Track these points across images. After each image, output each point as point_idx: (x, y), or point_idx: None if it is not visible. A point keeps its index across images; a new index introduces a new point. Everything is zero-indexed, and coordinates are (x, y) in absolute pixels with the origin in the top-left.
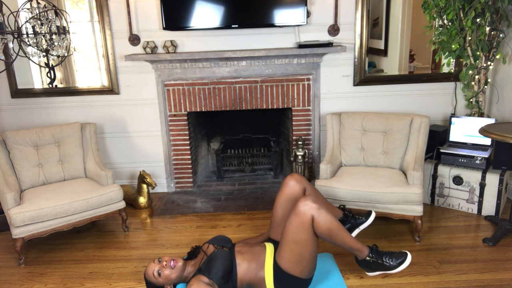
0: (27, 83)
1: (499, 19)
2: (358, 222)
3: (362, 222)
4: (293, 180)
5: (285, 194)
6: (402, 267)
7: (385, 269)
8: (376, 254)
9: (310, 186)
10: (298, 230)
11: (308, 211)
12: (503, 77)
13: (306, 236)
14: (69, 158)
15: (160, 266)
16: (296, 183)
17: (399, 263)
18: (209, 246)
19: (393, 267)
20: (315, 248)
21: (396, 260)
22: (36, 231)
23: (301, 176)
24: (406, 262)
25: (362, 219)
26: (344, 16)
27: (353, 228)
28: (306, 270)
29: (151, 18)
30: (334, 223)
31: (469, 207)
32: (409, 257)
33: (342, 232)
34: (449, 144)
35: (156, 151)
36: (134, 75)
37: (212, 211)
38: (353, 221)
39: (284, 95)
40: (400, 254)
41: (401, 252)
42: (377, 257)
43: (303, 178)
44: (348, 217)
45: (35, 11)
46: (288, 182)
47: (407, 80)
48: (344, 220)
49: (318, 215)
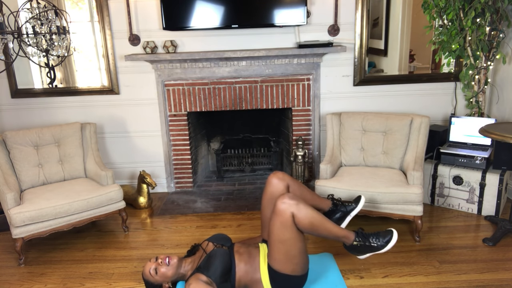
0: (27, 83)
1: (499, 19)
2: (348, 210)
3: (353, 209)
4: (275, 178)
5: (269, 192)
6: (390, 245)
7: (374, 249)
8: (362, 237)
9: (294, 181)
10: (281, 229)
11: (287, 209)
12: (503, 77)
13: (290, 234)
14: (69, 158)
15: (156, 264)
16: (279, 181)
17: (387, 242)
18: (209, 244)
19: (381, 247)
20: (302, 244)
21: (383, 239)
22: (36, 231)
23: (283, 173)
24: (393, 239)
25: (352, 205)
26: (344, 16)
27: (344, 217)
28: (298, 267)
29: (151, 18)
30: (315, 216)
31: (469, 207)
32: (395, 234)
33: (325, 223)
34: (449, 144)
35: (156, 151)
36: (134, 75)
37: (212, 211)
38: (343, 209)
39: (284, 95)
40: (386, 233)
41: (387, 231)
42: (364, 240)
43: (286, 175)
44: (337, 206)
45: (35, 11)
46: (271, 180)
47: (407, 80)
48: (334, 210)
49: (297, 211)
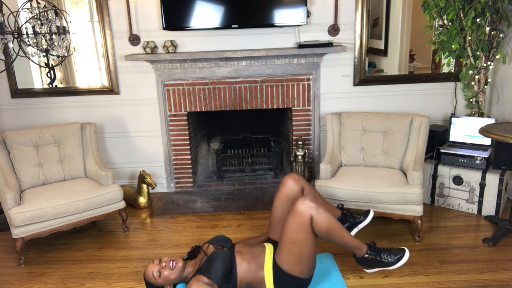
0: (27, 83)
1: (499, 19)
2: (356, 221)
3: (361, 221)
4: (291, 180)
5: (284, 194)
6: (400, 263)
7: (384, 265)
8: (375, 251)
9: (308, 185)
10: (297, 230)
11: (306, 210)
12: (503, 77)
13: (305, 236)
14: (69, 158)
15: (159, 266)
16: (294, 183)
17: (397, 259)
18: (209, 246)
19: (391, 264)
20: (314, 247)
21: (394, 257)
22: (36, 231)
23: (299, 176)
24: (404, 258)
25: (360, 218)
26: (344, 16)
27: (351, 227)
28: (306, 269)
29: (151, 18)
30: (332, 222)
31: (469, 207)
32: (407, 253)
33: (341, 231)
34: (449, 144)
35: (156, 151)
36: (134, 75)
37: (212, 211)
38: (351, 220)
39: (284, 95)
40: (398, 251)
41: (399, 249)
42: (375, 254)
43: (301, 178)
44: (346, 216)
45: (35, 11)
46: (286, 182)
47: (407, 80)
48: (342, 220)
49: (317, 214)
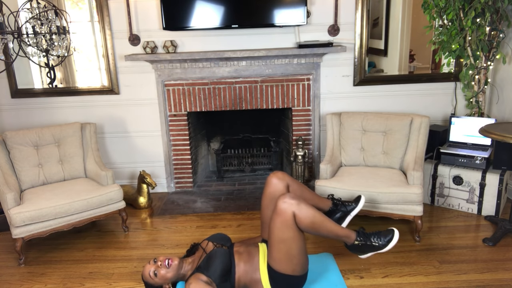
0: (27, 83)
1: (499, 19)
2: (348, 209)
3: (353, 208)
4: (275, 178)
5: (269, 193)
6: (391, 244)
7: (376, 249)
8: (364, 236)
9: (294, 181)
10: (282, 229)
11: (288, 208)
12: (503, 77)
13: (291, 233)
14: (69, 158)
15: (155, 266)
16: (278, 181)
17: (388, 241)
18: (208, 244)
19: (382, 246)
20: (302, 244)
21: (385, 239)
22: (36, 231)
23: (283, 173)
24: (394, 238)
25: (352, 205)
26: (344, 16)
27: (344, 216)
28: (298, 267)
29: (151, 18)
30: (316, 215)
31: (469, 207)
32: (396, 233)
33: (326, 222)
34: (449, 144)
35: (156, 151)
36: (134, 75)
37: (212, 211)
38: (343, 209)
39: (284, 95)
40: (387, 232)
41: (388, 230)
42: (365, 239)
43: (285, 175)
44: (337, 205)
45: (35, 11)
46: (270, 180)
47: (407, 80)
48: (334, 210)
49: (298, 210)
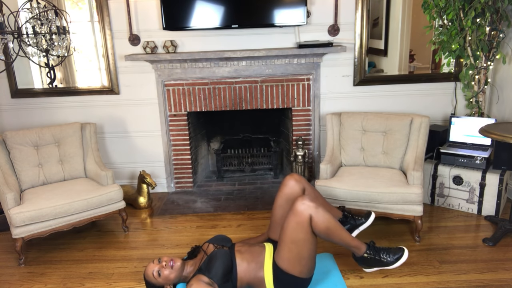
0: (27, 83)
1: (499, 19)
2: (357, 223)
3: (362, 223)
4: (292, 180)
5: (284, 194)
6: (399, 262)
7: (383, 265)
8: (374, 250)
9: (309, 185)
10: (297, 230)
11: (306, 210)
12: (503, 77)
13: (305, 236)
14: (69, 158)
15: (159, 266)
16: (296, 183)
17: (396, 259)
18: (209, 246)
19: (390, 263)
20: (313, 247)
21: (394, 256)
22: (36, 231)
23: (300, 176)
24: (403, 257)
25: (361, 220)
26: (344, 16)
27: (352, 229)
28: (305, 269)
29: (151, 18)
30: (332, 222)
31: (469, 207)
32: (406, 252)
33: (340, 230)
34: (449, 144)
35: (156, 151)
36: (134, 75)
37: (212, 211)
38: (352, 222)
39: (284, 95)
40: (397, 250)
41: (398, 248)
42: (374, 254)
43: (302, 178)
44: (347, 217)
45: (35, 11)
46: (288, 182)
47: (407, 80)
48: (343, 221)
49: (316, 214)
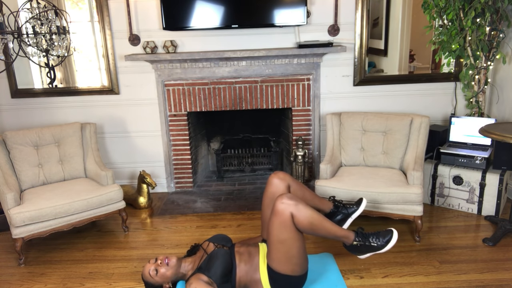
0: (27, 83)
1: (499, 19)
2: (349, 212)
3: (354, 211)
4: (276, 178)
5: (270, 193)
6: (390, 245)
7: (374, 249)
8: (362, 237)
9: (295, 182)
10: (281, 230)
11: (286, 209)
12: (503, 77)
13: (290, 234)
14: (69, 158)
15: (155, 265)
16: (280, 181)
17: (387, 241)
18: (209, 245)
19: (381, 247)
20: (301, 244)
21: (383, 239)
22: (36, 231)
23: (284, 174)
24: (393, 239)
25: (353, 207)
26: (344, 16)
27: (345, 219)
28: (297, 267)
29: (151, 18)
30: (314, 216)
31: (469, 207)
32: (395, 233)
33: (325, 223)
34: (449, 144)
35: (156, 151)
36: (134, 75)
37: (212, 211)
38: (344, 211)
39: (284, 95)
40: (386, 233)
41: (387, 230)
42: (363, 240)
43: (287, 175)
44: (339, 207)
45: (35, 11)
46: (272, 180)
47: (407, 80)
48: (335, 212)
49: (296, 211)
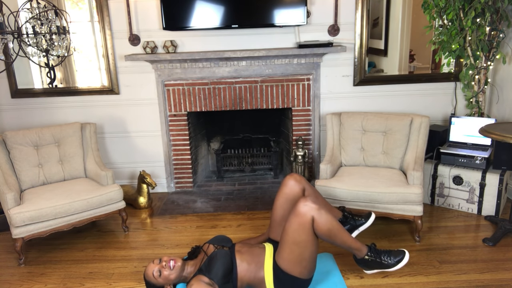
0: (27, 83)
1: (499, 19)
2: (357, 224)
3: (362, 224)
4: (292, 180)
5: (285, 194)
6: (400, 265)
7: (384, 267)
8: (375, 253)
9: (310, 186)
10: (298, 231)
11: (308, 211)
12: (503, 77)
13: (306, 237)
14: (69, 158)
15: (159, 266)
16: (296, 183)
17: (397, 262)
18: (209, 246)
19: (391, 265)
20: (315, 249)
21: (394, 259)
22: (36, 231)
23: (300, 176)
24: (404, 260)
25: (361, 220)
26: (344, 16)
27: (352, 230)
28: (306, 270)
29: (151, 18)
30: (334, 224)
31: (469, 207)
32: (407, 255)
33: (342, 232)
34: (449, 144)
35: (156, 151)
36: (134, 75)
37: (212, 211)
38: (352, 223)
39: (284, 95)
40: (398, 253)
41: (399, 250)
42: (375, 256)
43: (303, 178)
44: (347, 218)
45: (35, 11)
46: (288, 182)
47: (407, 80)
48: (343, 221)
49: (318, 215)
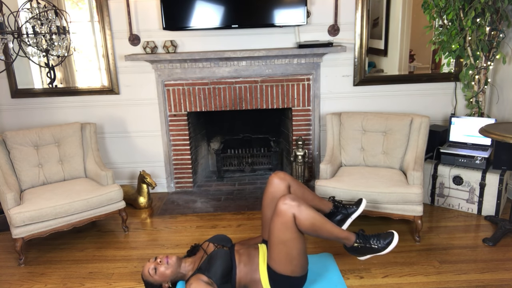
0: (27, 83)
1: (499, 19)
2: (349, 212)
3: (354, 211)
4: (276, 178)
5: (270, 193)
6: (390, 247)
7: (375, 251)
8: (363, 238)
9: (295, 182)
10: (282, 230)
11: (288, 210)
12: (503, 77)
13: (291, 235)
14: (69, 158)
15: (155, 263)
16: (280, 181)
17: (387, 244)
18: (209, 245)
19: (382, 249)
20: (302, 245)
21: (384, 241)
22: (36, 231)
23: (284, 173)
24: (394, 241)
25: (353, 208)
26: (344, 16)
27: (345, 219)
28: (297, 268)
29: (151, 18)
30: (316, 217)
31: (469, 207)
32: (395, 236)
33: (327, 225)
34: (449, 144)
35: (156, 151)
36: (134, 75)
37: (212, 211)
38: (344, 212)
39: (284, 95)
40: (386, 235)
41: (388, 233)
42: (364, 242)
43: (287, 175)
44: (338, 208)
45: (35, 11)
46: (272, 180)
47: (407, 80)
48: (335, 212)
49: (299, 212)
